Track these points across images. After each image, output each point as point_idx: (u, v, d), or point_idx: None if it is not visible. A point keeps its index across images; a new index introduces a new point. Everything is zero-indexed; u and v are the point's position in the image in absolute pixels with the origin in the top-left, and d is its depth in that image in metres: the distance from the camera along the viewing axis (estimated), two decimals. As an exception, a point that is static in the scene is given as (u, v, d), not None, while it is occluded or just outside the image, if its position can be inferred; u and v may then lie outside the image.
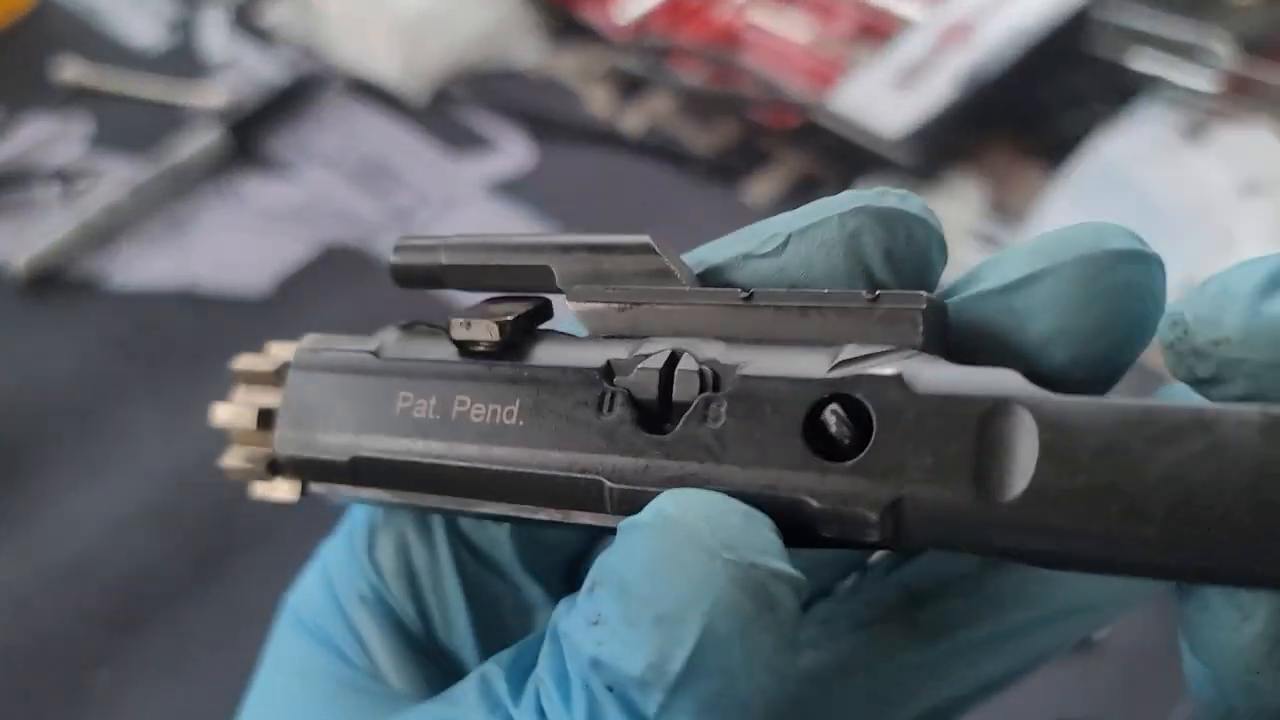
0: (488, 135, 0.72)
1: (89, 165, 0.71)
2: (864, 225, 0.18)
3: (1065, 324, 0.17)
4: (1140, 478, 0.14)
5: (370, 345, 0.22)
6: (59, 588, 0.52)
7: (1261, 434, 0.13)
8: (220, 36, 0.80)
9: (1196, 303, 0.16)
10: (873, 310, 0.17)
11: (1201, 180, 0.64)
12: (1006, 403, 0.15)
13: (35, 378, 0.61)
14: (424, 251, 0.22)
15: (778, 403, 0.17)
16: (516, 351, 0.20)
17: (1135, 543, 0.14)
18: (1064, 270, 0.17)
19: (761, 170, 0.69)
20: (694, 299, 0.19)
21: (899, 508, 0.16)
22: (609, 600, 0.17)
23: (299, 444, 0.22)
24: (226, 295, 0.64)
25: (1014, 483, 0.15)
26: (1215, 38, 0.67)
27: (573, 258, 0.20)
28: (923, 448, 0.15)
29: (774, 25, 0.74)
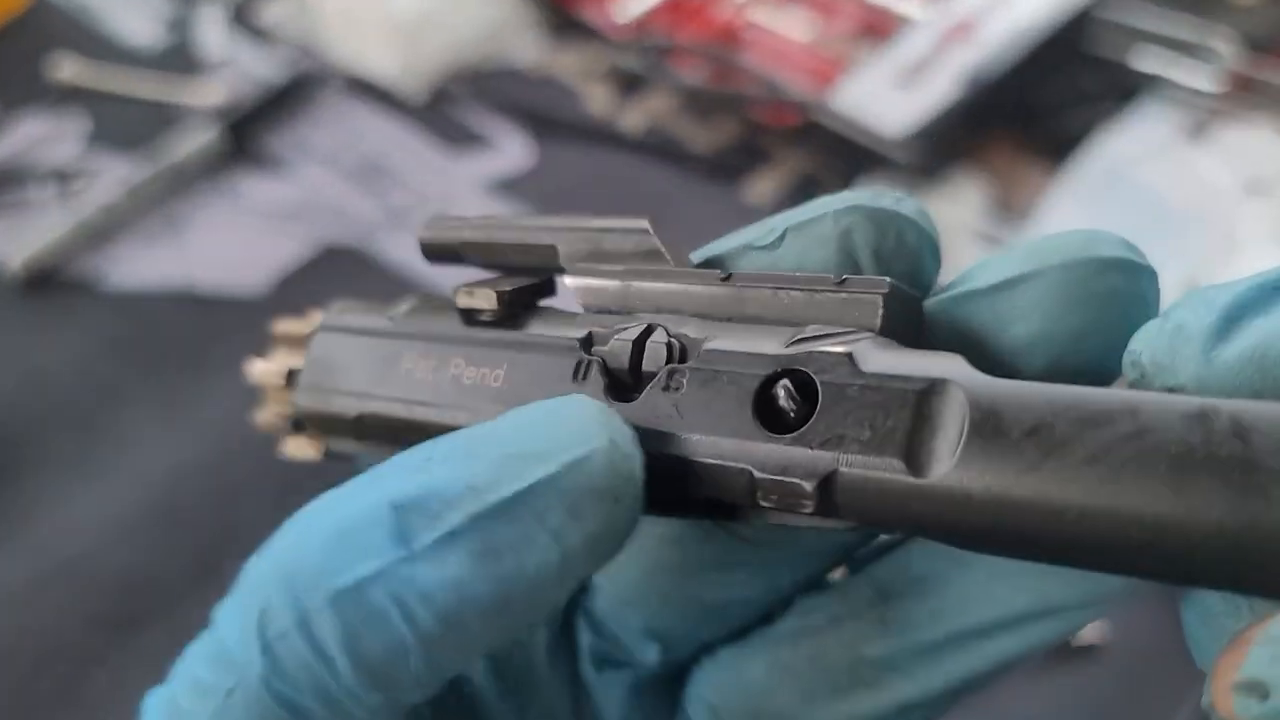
0: (486, 134, 0.72)
1: (86, 164, 0.71)
2: (856, 223, 0.19)
3: (1046, 329, 0.17)
4: (1064, 458, 0.14)
5: (389, 313, 0.23)
6: (55, 588, 0.52)
7: (1184, 420, 0.13)
8: (218, 35, 0.80)
9: (1154, 343, 0.15)
10: (838, 293, 0.18)
11: (1204, 179, 0.64)
12: (943, 383, 0.15)
13: (32, 377, 0.61)
14: (449, 229, 0.23)
15: (733, 376, 0.17)
16: (513, 322, 0.21)
17: (1055, 526, 0.14)
18: (1048, 274, 0.17)
19: (762, 169, 0.69)
20: (677, 278, 0.20)
21: (832, 480, 0.16)
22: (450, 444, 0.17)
23: (314, 399, 0.23)
24: (224, 295, 0.64)
25: (942, 459, 0.15)
26: (1218, 37, 0.67)
27: (576, 236, 0.21)
28: (860, 423, 0.16)
29: (774, 23, 0.74)
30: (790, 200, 0.67)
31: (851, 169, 0.66)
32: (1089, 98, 0.68)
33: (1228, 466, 0.13)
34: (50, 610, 0.52)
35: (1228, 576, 0.13)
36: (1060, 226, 0.62)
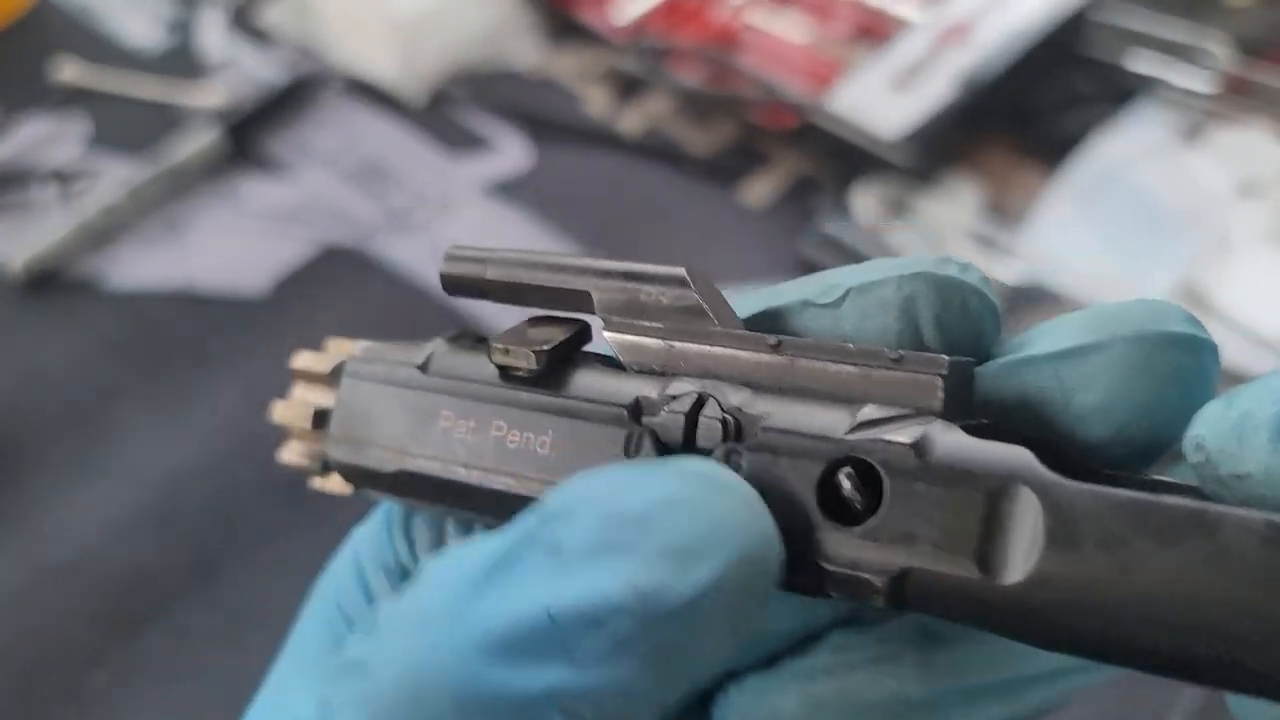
0: (486, 136, 0.72)
1: (87, 166, 0.71)
2: (920, 290, 0.19)
3: (1111, 400, 0.17)
4: (1138, 575, 0.14)
5: (418, 358, 0.22)
6: (57, 588, 0.52)
7: (1262, 545, 0.14)
8: (218, 37, 0.80)
9: (1219, 429, 0.15)
10: (895, 371, 0.17)
11: (1199, 181, 0.64)
12: (1015, 483, 0.15)
13: (33, 378, 0.61)
14: (472, 263, 0.22)
15: (795, 460, 0.17)
16: (553, 378, 0.21)
17: (1128, 639, 0.15)
18: (1116, 346, 0.17)
19: (759, 171, 0.69)
20: (724, 341, 0.19)
21: (904, 578, 0.16)
22: (585, 528, 0.16)
23: (349, 451, 0.23)
24: (224, 295, 0.64)
25: (1016, 566, 0.15)
26: (1212, 39, 0.68)
27: (611, 285, 0.21)
28: (931, 520, 0.16)
29: (771, 26, 0.74)
30: (788, 202, 0.67)
31: (848, 171, 0.66)
32: (1084, 100, 0.68)
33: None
34: (50, 610, 0.52)
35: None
36: (1055, 228, 0.63)
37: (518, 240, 0.66)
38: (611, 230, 0.66)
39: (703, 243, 0.66)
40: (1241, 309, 0.58)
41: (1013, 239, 0.63)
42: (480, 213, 0.68)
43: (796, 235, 0.62)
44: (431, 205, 0.69)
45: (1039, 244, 0.62)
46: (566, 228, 0.66)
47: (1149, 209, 0.63)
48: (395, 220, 0.68)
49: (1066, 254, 0.62)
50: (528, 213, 0.67)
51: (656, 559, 0.15)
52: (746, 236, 0.66)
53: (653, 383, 0.20)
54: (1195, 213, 0.63)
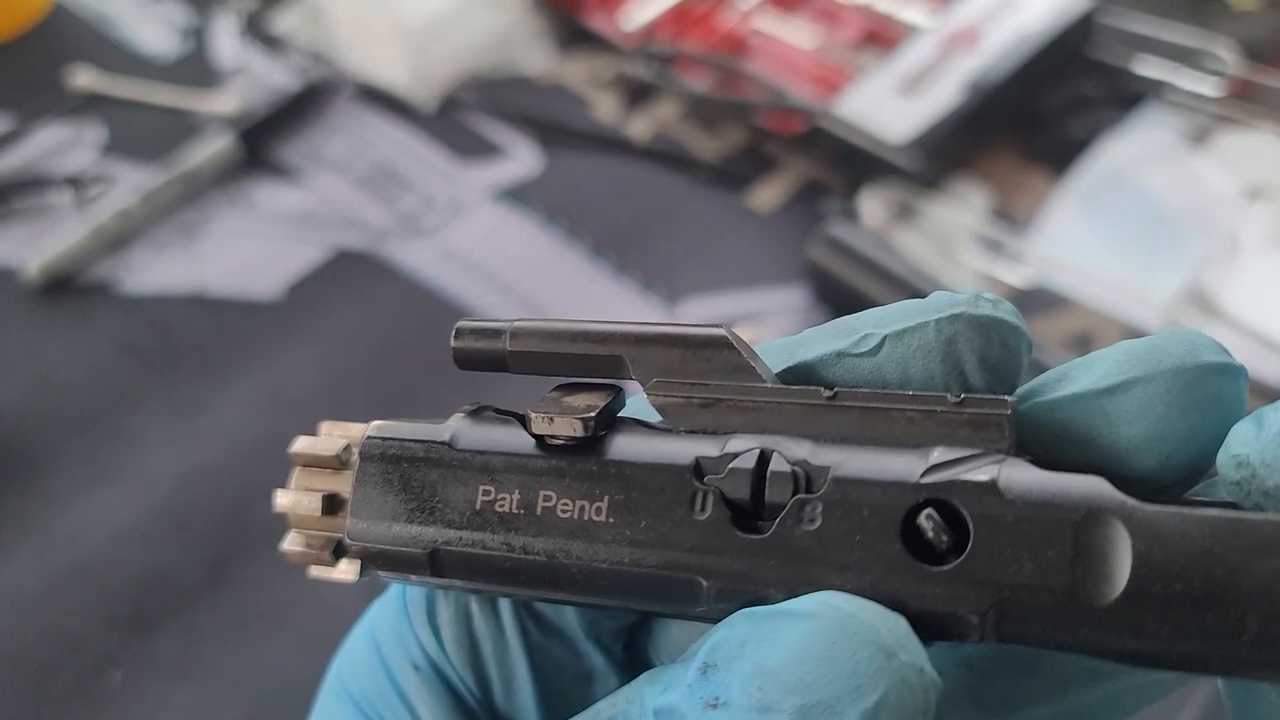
0: (495, 141, 0.73)
1: (101, 171, 0.72)
2: (960, 332, 0.19)
3: (1158, 430, 0.18)
4: (1234, 588, 0.15)
5: (443, 435, 0.21)
6: (71, 590, 0.53)
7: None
8: (231, 44, 0.81)
9: (1260, 444, 0.16)
10: (960, 414, 0.18)
11: (1206, 185, 0.64)
12: (1100, 511, 0.16)
13: (48, 381, 0.62)
14: (486, 337, 0.21)
15: (874, 506, 0.17)
16: (598, 445, 0.20)
17: (1226, 648, 0.15)
18: (1159, 380, 0.18)
19: (767, 176, 0.69)
20: (778, 396, 0.19)
21: (999, 610, 0.16)
22: (736, 684, 0.16)
23: (372, 536, 0.22)
24: (237, 299, 0.65)
25: (1110, 589, 0.16)
26: (1219, 43, 0.68)
27: (647, 350, 0.20)
28: (1020, 554, 0.16)
29: (779, 32, 0.74)
30: (795, 206, 0.67)
31: (856, 176, 0.66)
32: (1091, 104, 0.68)
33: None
34: (65, 611, 0.52)
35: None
36: (1062, 232, 0.63)
37: (527, 244, 0.66)
38: (620, 235, 0.66)
39: (711, 247, 0.66)
40: (1248, 312, 0.58)
41: (1020, 243, 0.63)
42: (490, 217, 0.68)
43: (804, 239, 0.62)
44: (442, 210, 0.69)
45: (1046, 248, 0.63)
46: (575, 232, 0.67)
47: (1156, 213, 0.63)
48: (406, 225, 0.68)
49: (1074, 258, 0.62)
50: (537, 217, 0.68)
51: (805, 711, 0.16)
52: (754, 241, 0.66)
53: (708, 442, 0.19)
54: (1202, 216, 0.63)
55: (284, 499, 0.23)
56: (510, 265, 0.65)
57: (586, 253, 0.66)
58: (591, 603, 0.20)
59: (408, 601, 0.24)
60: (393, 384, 0.60)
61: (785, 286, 0.63)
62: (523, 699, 0.23)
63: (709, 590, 0.19)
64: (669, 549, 0.19)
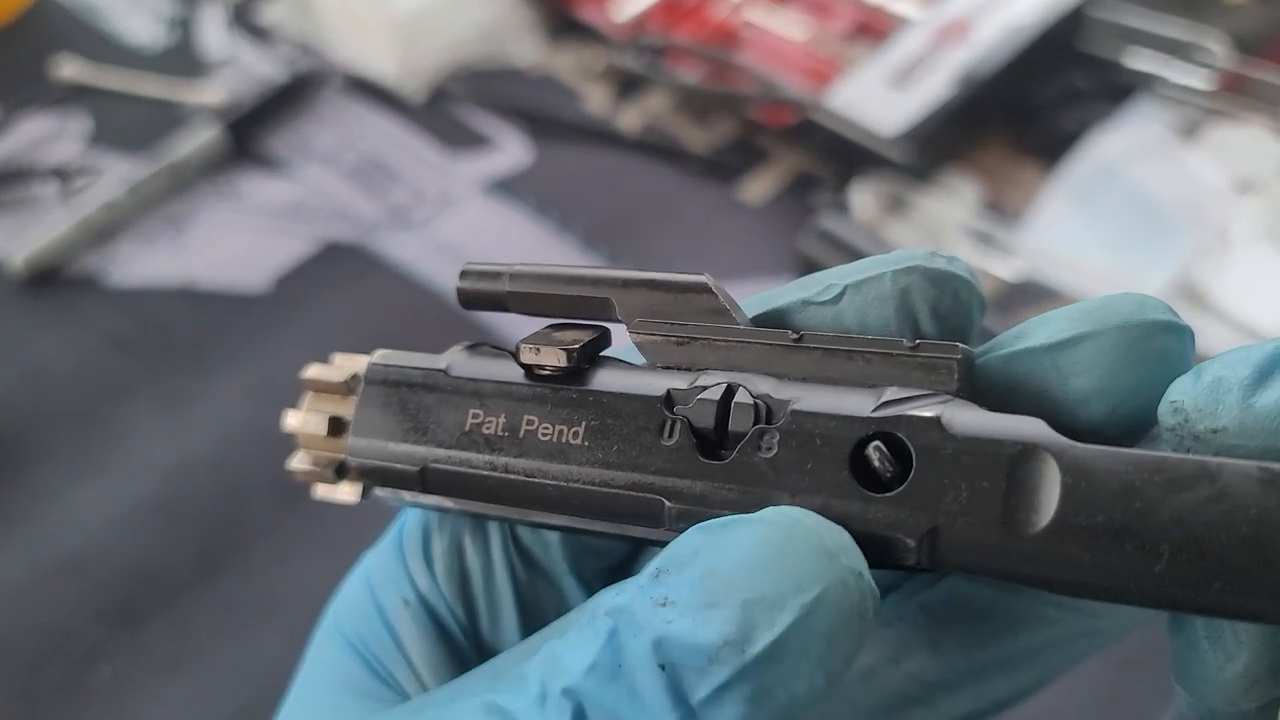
0: (485, 133, 0.72)
1: (88, 163, 0.72)
2: (915, 283, 0.20)
3: (1105, 383, 0.19)
4: (1151, 519, 0.16)
5: (440, 363, 0.23)
6: (60, 583, 0.52)
7: (1259, 485, 0.15)
8: (218, 34, 0.80)
9: (1195, 391, 0.17)
10: (913, 357, 0.19)
11: (1197, 178, 0.64)
12: (1034, 448, 0.17)
13: (35, 374, 0.61)
14: (488, 278, 0.23)
15: (826, 437, 0.19)
16: (580, 377, 0.22)
17: (1144, 577, 0.16)
18: (1108, 335, 0.19)
19: (758, 168, 0.69)
20: (748, 337, 0.21)
21: (935, 535, 0.18)
22: (686, 584, 0.18)
23: (370, 452, 0.23)
24: (225, 292, 0.65)
25: (1038, 519, 0.17)
26: (1210, 36, 0.68)
27: (633, 293, 0.22)
28: (958, 483, 0.17)
29: (771, 23, 0.74)
30: (787, 199, 0.67)
31: (847, 168, 0.66)
32: (1082, 97, 0.68)
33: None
34: (55, 604, 0.52)
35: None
36: (1053, 225, 0.63)
37: (517, 237, 0.66)
38: (611, 227, 0.66)
39: (702, 239, 0.66)
40: (1239, 305, 0.58)
41: (1011, 236, 0.63)
42: (480, 209, 0.68)
43: (796, 232, 0.62)
44: (431, 202, 0.69)
45: (1037, 241, 0.63)
46: (566, 224, 0.67)
47: (1147, 206, 0.63)
48: (395, 217, 0.68)
49: (1064, 251, 0.62)
50: (527, 209, 0.68)
51: (744, 611, 0.17)
52: (746, 233, 0.66)
53: (681, 376, 0.21)
54: (1193, 209, 0.63)
55: (294, 419, 0.24)
56: (500, 257, 0.65)
57: (577, 245, 0.66)
58: (566, 524, 0.22)
59: (404, 539, 0.25)
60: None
61: (776, 278, 0.63)
62: (507, 630, 0.24)
63: (670, 511, 0.20)
64: (637, 471, 0.20)
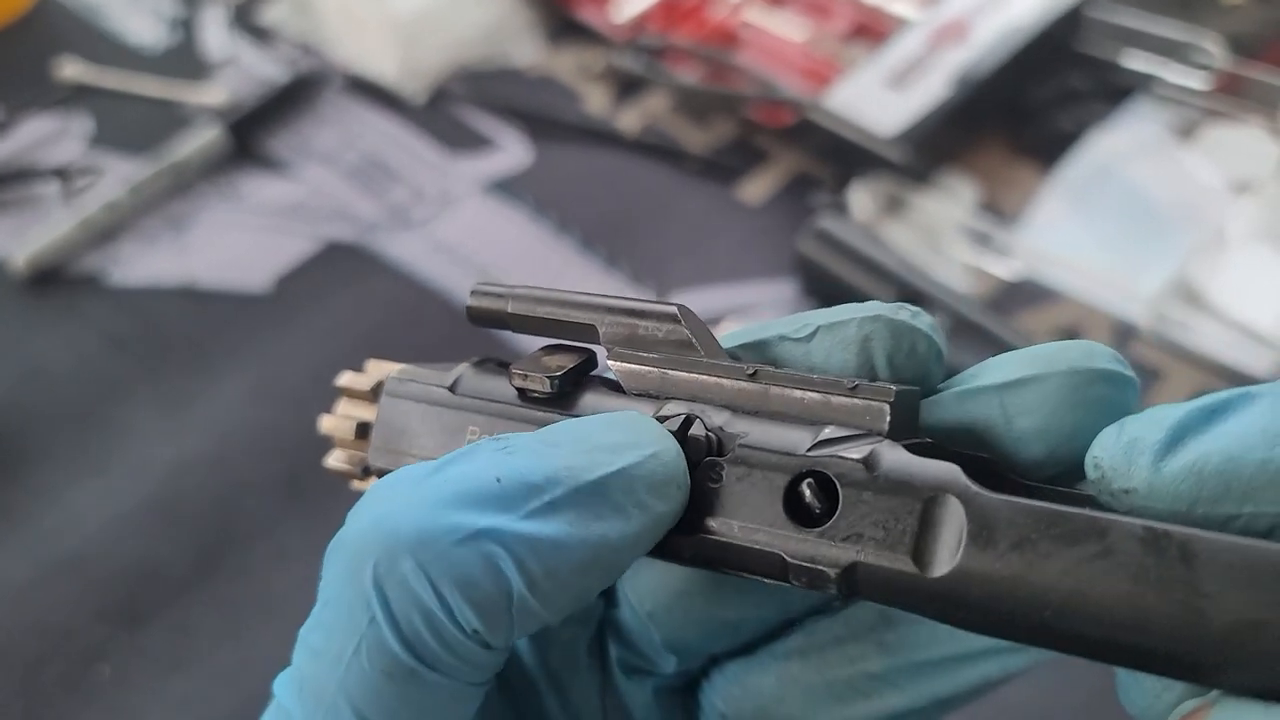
0: (485, 133, 0.73)
1: (89, 163, 0.72)
2: (876, 332, 0.21)
3: (1046, 425, 0.20)
4: (1042, 570, 0.17)
5: (447, 380, 0.25)
6: (60, 583, 0.53)
7: (1141, 544, 0.16)
8: (219, 35, 0.80)
9: (1113, 450, 0.18)
10: (851, 397, 0.21)
11: (1193, 178, 0.65)
12: (945, 494, 0.18)
13: (36, 374, 0.62)
14: (495, 298, 0.25)
15: (766, 472, 0.20)
16: (565, 400, 0.24)
17: (1035, 624, 0.17)
18: (1053, 379, 0.20)
19: (757, 168, 0.69)
20: (709, 370, 0.22)
21: (853, 571, 0.19)
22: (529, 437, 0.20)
23: (388, 459, 0.26)
24: (226, 292, 0.65)
25: (943, 560, 0.18)
26: (1207, 37, 0.68)
27: (614, 319, 0.24)
28: (875, 523, 0.19)
29: (769, 24, 0.74)
30: (785, 199, 0.67)
31: (846, 169, 0.67)
32: (1079, 97, 0.68)
33: (1174, 587, 0.16)
34: (54, 604, 0.52)
35: (1173, 670, 0.16)
36: (1050, 225, 0.63)
37: (516, 237, 0.66)
38: (610, 227, 0.67)
39: (701, 239, 0.66)
40: (1235, 305, 0.58)
41: (1008, 236, 0.63)
42: (479, 209, 0.68)
43: (794, 232, 0.62)
44: (431, 202, 0.69)
45: (1034, 241, 0.63)
46: (565, 225, 0.67)
47: (1143, 206, 0.64)
48: (396, 217, 0.68)
49: (1061, 251, 0.62)
50: (527, 209, 0.68)
51: (589, 450, 0.20)
52: (744, 233, 0.66)
53: (649, 404, 0.23)
54: (1189, 209, 0.63)
55: (328, 422, 0.27)
56: (500, 257, 0.66)
57: (576, 245, 0.66)
58: None
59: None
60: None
61: (775, 279, 0.63)
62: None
63: None
64: None
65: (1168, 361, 0.58)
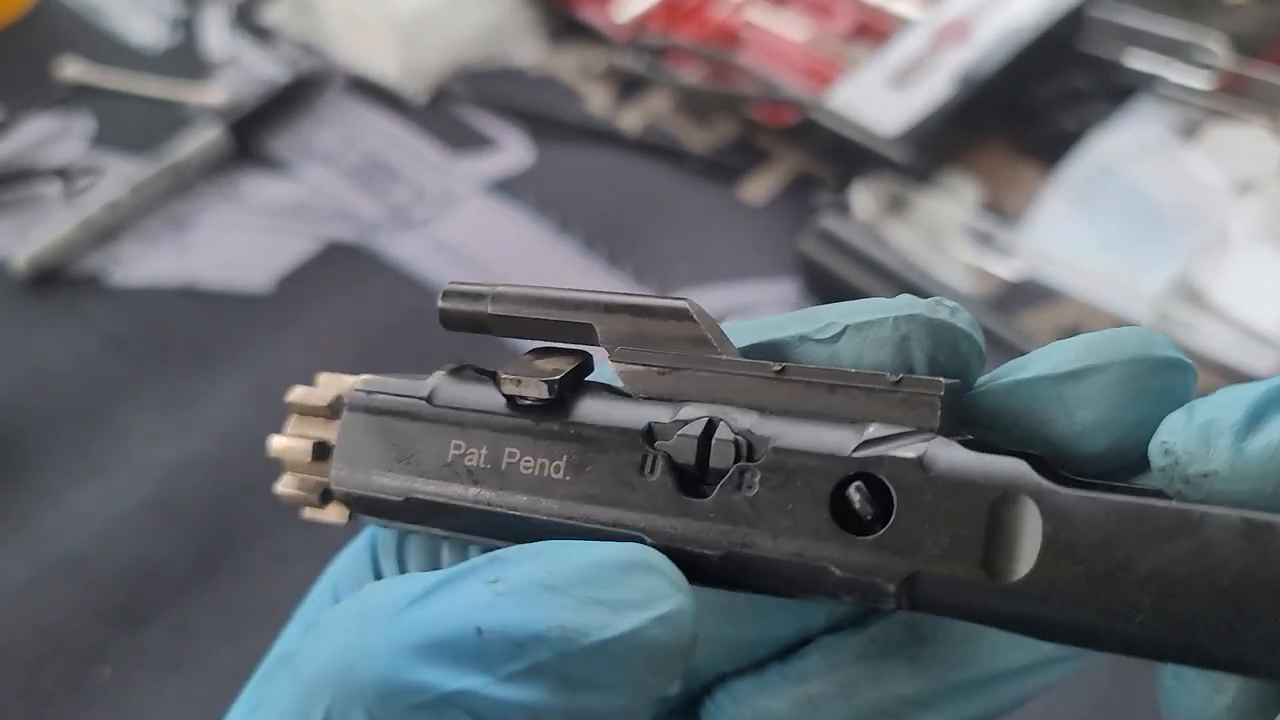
0: (486, 133, 0.73)
1: (90, 163, 0.72)
2: (915, 331, 0.20)
3: (1108, 416, 0.19)
4: (1132, 571, 0.16)
5: (422, 390, 0.23)
6: (61, 583, 0.53)
7: (1243, 538, 0.15)
8: (221, 35, 0.80)
9: (1186, 433, 0.17)
10: (895, 393, 0.19)
11: (1196, 178, 0.65)
12: (1016, 492, 0.17)
13: (37, 374, 0.62)
14: (470, 299, 0.23)
15: (807, 477, 0.18)
16: (562, 407, 0.21)
17: (1123, 628, 0.16)
18: (1114, 369, 0.19)
19: (759, 168, 0.69)
20: (730, 368, 0.20)
21: (914, 581, 0.17)
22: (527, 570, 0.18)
23: (354, 482, 0.23)
24: (227, 291, 0.65)
25: (1019, 566, 0.17)
26: (1210, 37, 0.68)
27: (615, 318, 0.21)
28: (938, 528, 0.17)
29: (771, 24, 0.74)
30: (787, 199, 0.67)
31: (848, 168, 0.66)
32: (1082, 97, 0.68)
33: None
34: (54, 604, 0.52)
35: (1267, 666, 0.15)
36: (1052, 225, 0.63)
37: (518, 236, 0.66)
38: (611, 227, 0.66)
39: (702, 239, 0.66)
40: (1238, 305, 0.58)
41: (1011, 236, 0.63)
42: (481, 209, 0.68)
43: (796, 232, 0.62)
44: (432, 202, 0.69)
45: (1037, 241, 0.63)
46: (566, 224, 0.67)
47: (1146, 206, 0.64)
48: (397, 217, 0.68)
49: (1064, 251, 0.62)
50: (528, 209, 0.68)
51: (585, 605, 0.17)
52: (746, 233, 0.66)
53: (662, 408, 0.21)
54: (1192, 209, 0.63)
55: (278, 444, 0.24)
56: (501, 257, 0.66)
57: (578, 245, 0.66)
58: None
59: (377, 538, 0.25)
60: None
61: (777, 279, 0.63)
62: None
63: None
64: (618, 508, 0.20)
65: (1170, 362, 0.58)
